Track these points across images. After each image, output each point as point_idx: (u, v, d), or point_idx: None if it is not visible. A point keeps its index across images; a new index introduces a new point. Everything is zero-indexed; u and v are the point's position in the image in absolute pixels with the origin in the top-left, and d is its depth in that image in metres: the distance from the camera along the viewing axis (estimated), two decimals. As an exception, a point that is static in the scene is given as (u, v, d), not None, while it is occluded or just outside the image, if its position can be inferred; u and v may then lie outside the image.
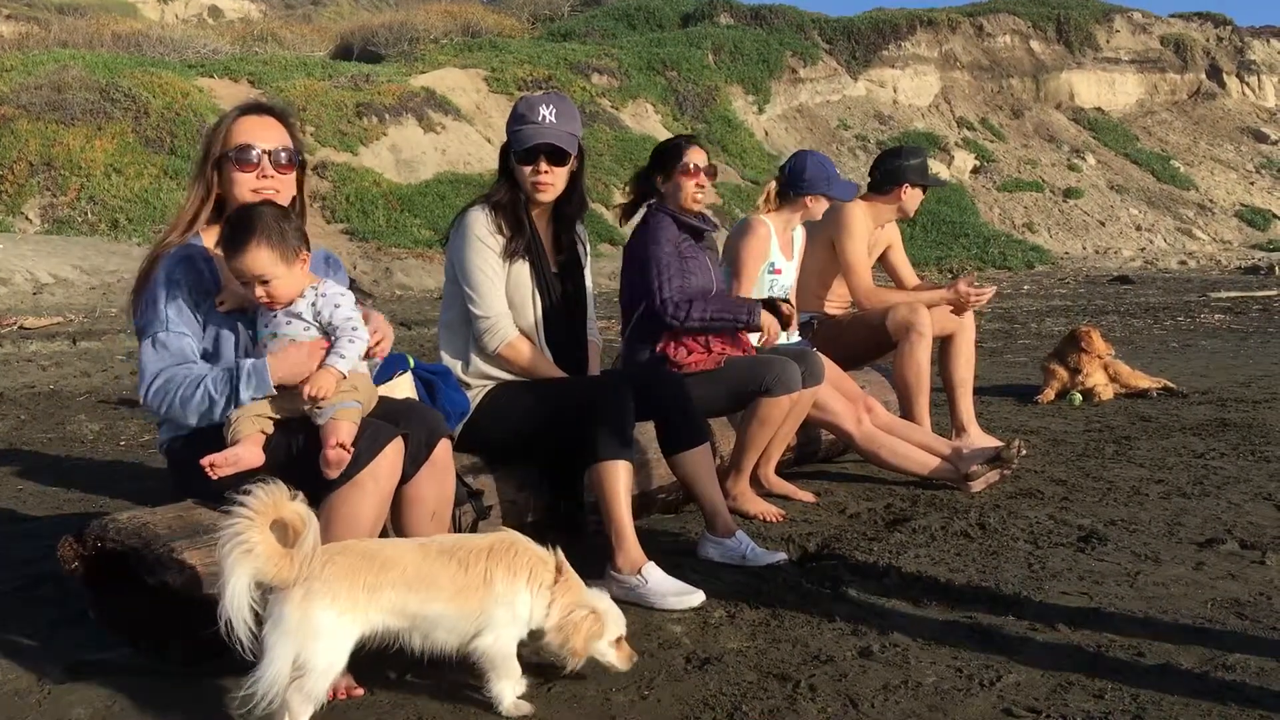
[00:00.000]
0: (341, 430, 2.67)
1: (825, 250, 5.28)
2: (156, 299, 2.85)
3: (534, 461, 3.63)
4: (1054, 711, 2.51)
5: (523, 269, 3.62)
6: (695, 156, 4.29)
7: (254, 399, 2.75)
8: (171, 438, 2.92)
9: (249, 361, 2.78)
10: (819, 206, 4.85)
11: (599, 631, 2.58)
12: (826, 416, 4.65)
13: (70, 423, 6.82)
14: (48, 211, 17.85)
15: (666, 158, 4.34)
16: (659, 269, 4.18)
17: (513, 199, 3.61)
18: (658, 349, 4.24)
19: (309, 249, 2.84)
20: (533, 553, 2.56)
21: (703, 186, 4.31)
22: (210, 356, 2.87)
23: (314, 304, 2.80)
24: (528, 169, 3.56)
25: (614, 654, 2.63)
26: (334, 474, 2.65)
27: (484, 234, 3.56)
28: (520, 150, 3.57)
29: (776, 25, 31.58)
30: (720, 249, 4.71)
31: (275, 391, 2.75)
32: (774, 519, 4.26)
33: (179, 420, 2.81)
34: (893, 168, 5.38)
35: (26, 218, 17.72)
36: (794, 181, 4.79)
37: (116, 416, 7.06)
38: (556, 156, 3.55)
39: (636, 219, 4.39)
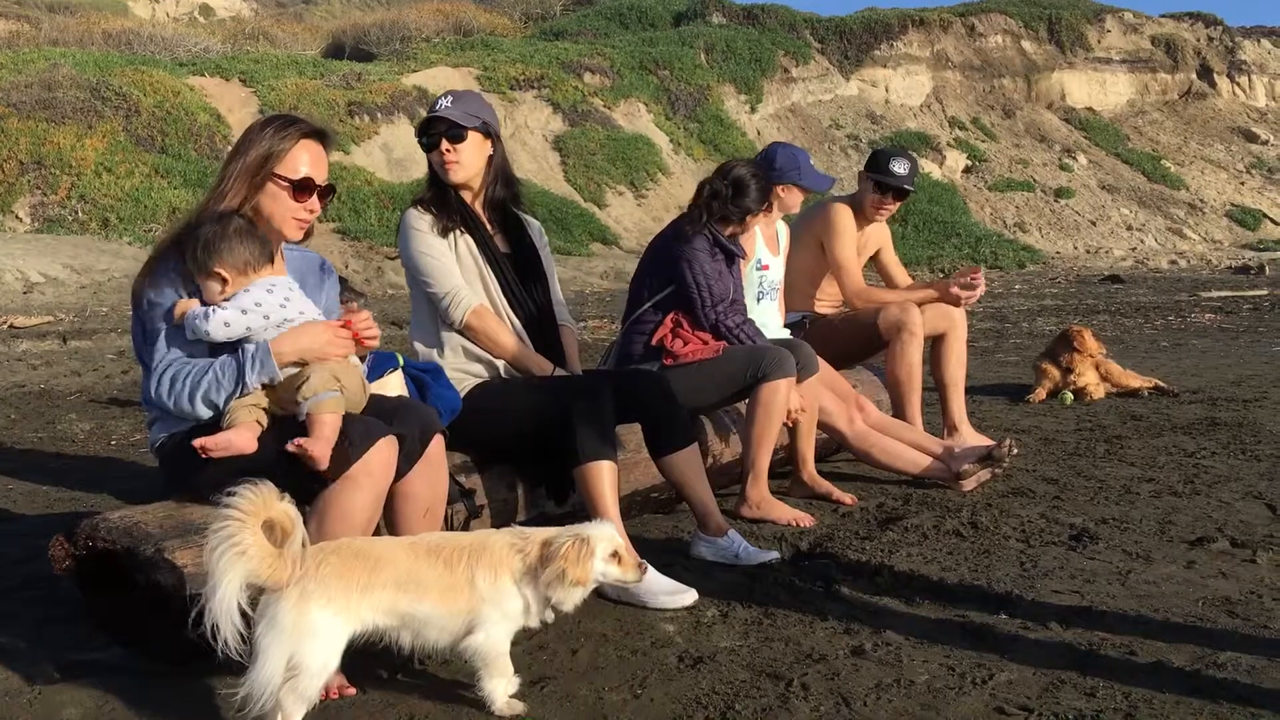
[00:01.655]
0: (323, 426, 2.66)
1: (814, 250, 5.28)
2: (166, 288, 2.83)
3: (516, 461, 3.66)
4: (1046, 710, 2.52)
5: (466, 251, 3.75)
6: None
7: (261, 382, 2.74)
8: (163, 436, 2.90)
9: (252, 345, 2.77)
10: (791, 197, 4.85)
11: (589, 550, 2.48)
12: (819, 416, 4.64)
13: (61, 422, 6.80)
14: (38, 210, 17.80)
15: (763, 195, 4.40)
16: (703, 276, 4.22)
17: (436, 189, 3.82)
18: (654, 340, 4.24)
19: (264, 265, 2.85)
20: (510, 545, 2.53)
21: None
22: (220, 348, 2.84)
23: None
24: (434, 154, 3.77)
25: (617, 570, 2.54)
26: (321, 467, 2.64)
27: (416, 223, 3.77)
28: (421, 139, 3.80)
29: (769, 25, 31.60)
30: None
31: (280, 376, 2.74)
32: (807, 524, 4.11)
33: (185, 412, 2.78)
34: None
35: (17, 216, 17.67)
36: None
37: (107, 415, 7.04)
38: (453, 136, 3.72)
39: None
